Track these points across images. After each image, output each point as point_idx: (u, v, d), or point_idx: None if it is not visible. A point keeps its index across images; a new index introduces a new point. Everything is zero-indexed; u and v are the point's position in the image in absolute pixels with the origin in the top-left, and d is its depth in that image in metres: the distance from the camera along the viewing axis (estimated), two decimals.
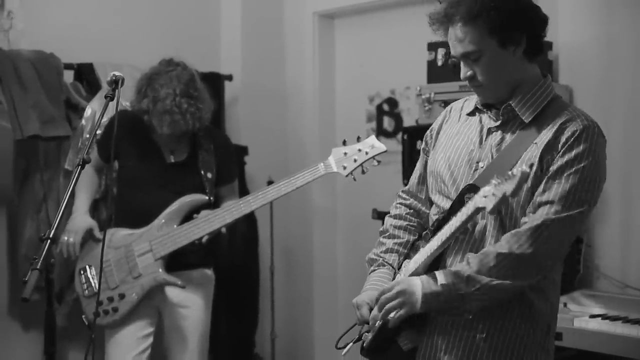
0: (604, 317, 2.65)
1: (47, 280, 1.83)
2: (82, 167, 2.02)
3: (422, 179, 2.11)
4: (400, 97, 4.23)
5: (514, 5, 1.82)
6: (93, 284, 3.01)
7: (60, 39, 3.59)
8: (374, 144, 2.83)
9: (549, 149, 1.81)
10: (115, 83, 2.19)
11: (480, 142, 1.93)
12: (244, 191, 3.97)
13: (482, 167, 1.89)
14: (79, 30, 3.72)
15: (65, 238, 3.01)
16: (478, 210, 1.65)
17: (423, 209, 2.10)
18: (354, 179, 2.89)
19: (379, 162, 2.85)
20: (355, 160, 2.85)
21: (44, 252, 1.78)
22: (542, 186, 1.80)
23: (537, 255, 1.76)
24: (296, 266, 4.51)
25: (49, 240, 1.82)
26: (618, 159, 3.07)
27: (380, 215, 3.51)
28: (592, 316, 2.67)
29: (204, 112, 3.06)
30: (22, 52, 3.36)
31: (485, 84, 1.88)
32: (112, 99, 2.17)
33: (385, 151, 2.85)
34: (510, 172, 1.58)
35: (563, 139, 1.81)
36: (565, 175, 1.79)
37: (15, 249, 3.45)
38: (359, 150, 2.84)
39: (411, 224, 2.10)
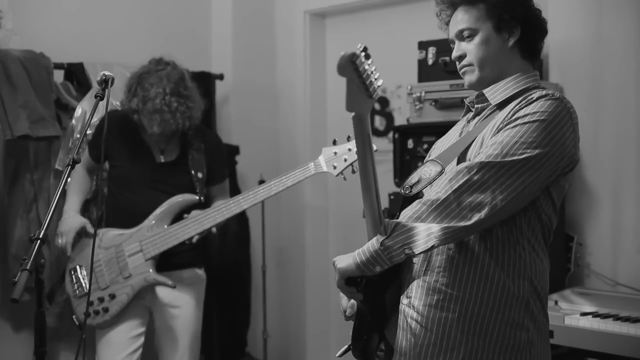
0: (595, 314, 2.66)
1: (37, 281, 1.82)
2: (72, 167, 2.01)
3: None
4: (392, 96, 4.23)
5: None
6: (84, 284, 3.00)
7: (50, 38, 3.58)
8: None
9: (505, 118, 1.81)
10: (105, 82, 2.18)
11: (461, 134, 1.96)
12: (235, 190, 3.96)
13: None
14: (69, 30, 3.71)
15: (59, 241, 3.01)
16: None
17: None
18: (344, 179, 2.89)
19: None
20: (345, 160, 2.85)
21: (34, 253, 1.77)
22: None
23: (450, 199, 1.72)
24: (288, 265, 4.51)
25: (39, 241, 1.81)
26: (608, 157, 3.09)
27: None
28: (583, 314, 2.68)
29: (194, 112, 3.05)
30: (11, 51, 3.34)
31: (474, 65, 1.91)
32: (102, 99, 2.16)
33: (376, 151, 2.84)
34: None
35: (518, 106, 1.80)
36: (504, 129, 1.77)
37: (5, 249, 3.44)
38: (349, 149, 2.84)
39: None
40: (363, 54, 1.52)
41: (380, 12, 4.22)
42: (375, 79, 1.58)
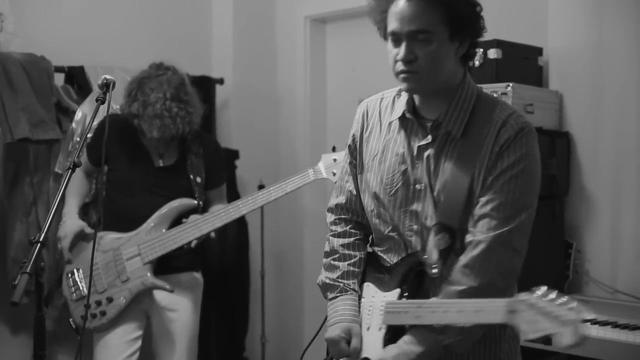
0: (594, 322, 2.66)
1: (37, 284, 1.81)
2: (73, 171, 2.01)
3: (357, 193, 2.03)
4: None
5: (474, 7, 1.81)
6: (81, 288, 3.00)
7: (51, 41, 3.59)
8: None
9: (489, 162, 1.78)
10: (106, 86, 2.18)
11: (413, 161, 1.86)
12: (234, 195, 3.96)
13: (419, 189, 1.84)
14: (70, 33, 3.72)
15: (59, 246, 3.02)
16: None
17: (365, 221, 2.03)
18: None
19: None
20: None
21: (34, 256, 1.77)
22: (481, 198, 1.78)
23: (495, 281, 1.76)
24: (286, 270, 4.51)
25: (39, 244, 1.81)
26: (608, 165, 3.09)
27: None
28: (582, 321, 2.67)
29: (194, 117, 3.06)
30: (12, 54, 3.35)
31: (423, 71, 1.78)
32: (103, 103, 2.16)
33: None
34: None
35: (497, 148, 1.78)
36: (500, 184, 1.76)
37: (5, 252, 3.44)
38: None
39: (358, 238, 2.06)
40: None
41: None
42: None
